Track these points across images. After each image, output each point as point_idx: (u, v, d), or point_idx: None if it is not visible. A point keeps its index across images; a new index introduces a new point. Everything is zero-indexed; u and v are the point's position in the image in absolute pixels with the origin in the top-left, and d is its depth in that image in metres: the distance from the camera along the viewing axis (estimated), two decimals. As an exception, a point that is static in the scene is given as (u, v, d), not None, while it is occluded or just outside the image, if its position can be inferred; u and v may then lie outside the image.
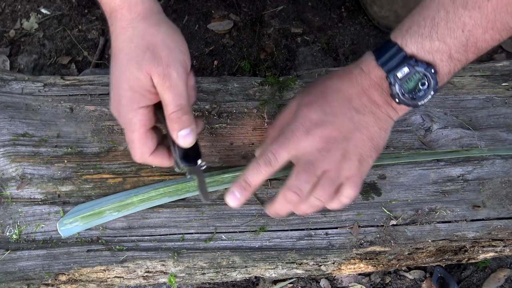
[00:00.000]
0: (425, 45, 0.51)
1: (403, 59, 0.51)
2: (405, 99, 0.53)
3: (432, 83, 0.52)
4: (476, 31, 0.49)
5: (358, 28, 1.22)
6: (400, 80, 0.52)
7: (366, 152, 0.54)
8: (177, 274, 0.61)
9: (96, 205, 0.61)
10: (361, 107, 0.54)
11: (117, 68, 0.52)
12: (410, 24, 0.52)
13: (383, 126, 0.55)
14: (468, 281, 0.97)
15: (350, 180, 0.54)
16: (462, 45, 0.50)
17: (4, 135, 0.64)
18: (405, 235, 0.64)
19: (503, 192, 0.68)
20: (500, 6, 0.47)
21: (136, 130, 0.53)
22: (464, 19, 0.48)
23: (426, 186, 0.67)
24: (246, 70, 1.14)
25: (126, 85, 0.51)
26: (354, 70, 0.56)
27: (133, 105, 0.52)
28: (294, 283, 0.93)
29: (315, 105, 0.55)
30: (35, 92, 0.68)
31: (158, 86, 0.51)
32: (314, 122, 0.53)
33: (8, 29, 1.16)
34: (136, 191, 0.62)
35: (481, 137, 0.70)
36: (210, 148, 0.66)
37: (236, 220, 0.63)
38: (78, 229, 0.60)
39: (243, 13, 1.20)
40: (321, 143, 0.52)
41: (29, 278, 0.58)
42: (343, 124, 0.53)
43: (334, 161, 0.52)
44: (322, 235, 0.64)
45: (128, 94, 0.51)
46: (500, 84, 0.76)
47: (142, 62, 0.50)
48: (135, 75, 0.50)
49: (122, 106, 0.52)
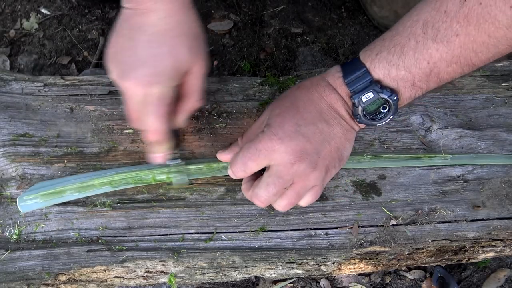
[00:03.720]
0: (391, 73, 0.53)
1: (369, 84, 0.54)
2: (366, 120, 0.56)
3: (392, 108, 0.55)
4: (440, 64, 0.51)
5: (358, 28, 1.22)
6: (364, 103, 0.55)
7: (332, 163, 0.57)
8: (177, 274, 0.61)
9: (57, 184, 0.60)
10: (331, 119, 0.56)
11: (153, 41, 0.51)
12: (381, 48, 0.54)
13: (349, 137, 0.58)
14: (468, 281, 0.97)
15: (313, 189, 0.56)
16: (426, 75, 0.53)
17: (4, 135, 0.64)
18: (405, 235, 0.64)
19: (503, 192, 0.68)
20: (466, 42, 0.49)
21: (163, 105, 0.53)
22: (431, 51, 0.51)
23: (426, 186, 0.67)
24: (246, 70, 1.14)
25: (169, 60, 0.51)
26: (321, 83, 0.58)
27: (170, 81, 0.52)
28: (294, 283, 0.93)
29: (287, 115, 0.56)
30: (35, 92, 0.68)
31: (195, 75, 0.53)
32: (288, 133, 0.54)
33: (8, 29, 1.16)
34: (99, 173, 0.62)
35: (481, 137, 0.70)
36: (210, 148, 0.66)
37: (236, 220, 0.63)
38: (37, 206, 0.60)
39: (243, 13, 1.20)
40: (294, 156, 0.53)
41: (29, 278, 0.58)
42: (314, 136, 0.55)
43: (304, 174, 0.54)
44: (322, 235, 0.64)
45: (168, 70, 0.51)
46: (500, 84, 0.76)
47: (192, 47, 0.52)
48: (182, 57, 0.51)
49: (153, 76, 0.51)
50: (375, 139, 0.69)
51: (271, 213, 0.64)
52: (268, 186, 0.54)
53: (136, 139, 0.66)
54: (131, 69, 0.51)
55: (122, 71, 0.51)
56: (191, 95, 0.56)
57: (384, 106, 0.55)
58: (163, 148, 0.57)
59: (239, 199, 0.64)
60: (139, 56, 0.51)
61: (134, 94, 0.52)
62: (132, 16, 0.51)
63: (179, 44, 0.51)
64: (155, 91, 0.51)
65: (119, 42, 0.52)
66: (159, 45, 0.51)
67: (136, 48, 0.51)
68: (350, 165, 0.67)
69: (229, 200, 0.64)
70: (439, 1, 0.50)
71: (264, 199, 0.55)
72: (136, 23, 0.51)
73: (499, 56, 0.51)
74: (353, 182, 0.67)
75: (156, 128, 0.54)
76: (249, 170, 0.56)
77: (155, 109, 0.52)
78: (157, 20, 0.50)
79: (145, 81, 0.51)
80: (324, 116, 0.56)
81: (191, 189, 0.64)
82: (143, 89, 0.51)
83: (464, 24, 0.48)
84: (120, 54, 0.52)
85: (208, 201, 0.64)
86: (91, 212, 0.62)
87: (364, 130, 0.69)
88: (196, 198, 0.64)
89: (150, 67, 0.51)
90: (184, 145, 0.66)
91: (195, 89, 0.55)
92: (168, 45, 0.51)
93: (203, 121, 0.67)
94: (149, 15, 0.50)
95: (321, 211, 0.65)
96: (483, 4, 0.46)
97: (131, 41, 0.51)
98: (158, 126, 0.54)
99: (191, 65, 0.53)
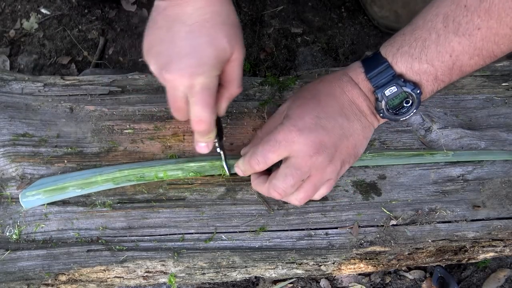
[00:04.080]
0: (414, 66, 0.53)
1: (392, 78, 0.54)
2: (389, 114, 0.56)
3: (416, 102, 0.55)
4: (463, 57, 0.51)
5: (358, 28, 1.22)
6: (387, 98, 0.55)
7: (347, 159, 0.57)
8: (177, 274, 0.61)
9: (59, 180, 0.61)
10: (351, 115, 0.56)
11: (193, 31, 0.50)
12: (402, 43, 0.54)
13: (367, 134, 0.58)
14: (468, 281, 0.97)
15: (328, 182, 0.57)
16: (448, 68, 0.53)
17: (4, 135, 0.64)
18: (405, 235, 0.64)
19: (503, 192, 0.68)
20: (488, 35, 0.49)
21: (208, 95, 0.52)
22: (454, 44, 0.51)
23: (426, 186, 0.67)
24: (246, 70, 1.14)
25: (210, 50, 0.50)
26: (343, 78, 0.58)
27: (213, 71, 0.51)
28: (294, 283, 0.93)
29: (308, 107, 0.56)
30: (35, 92, 0.68)
31: (235, 62, 0.53)
32: (308, 125, 0.54)
33: (8, 29, 1.16)
34: (101, 170, 0.62)
35: (481, 137, 0.70)
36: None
37: (236, 220, 0.63)
38: (40, 202, 0.60)
39: (243, 13, 1.20)
40: (312, 149, 0.53)
41: (29, 278, 0.58)
42: (334, 130, 0.55)
43: (321, 167, 0.55)
44: (322, 235, 0.64)
45: (211, 60, 0.50)
46: (500, 84, 0.76)
47: (230, 36, 0.51)
48: (222, 46, 0.50)
49: (197, 67, 0.50)
50: (375, 139, 0.69)
51: (271, 213, 0.64)
52: (286, 177, 0.54)
53: (136, 139, 0.66)
54: (173, 61, 0.50)
55: (164, 64, 0.51)
56: (232, 83, 0.55)
57: (407, 100, 0.55)
58: (208, 137, 0.56)
59: (239, 199, 0.64)
60: (179, 48, 0.50)
61: (178, 86, 0.51)
62: (168, 8, 0.50)
63: (219, 33, 0.50)
64: (200, 81, 0.50)
65: (156, 34, 0.51)
66: (199, 35, 0.50)
67: (176, 39, 0.50)
68: None
69: (229, 200, 0.64)
70: None
71: (282, 190, 0.55)
72: (173, 14, 0.50)
73: None
74: (353, 182, 0.67)
75: (203, 118, 0.53)
76: (270, 161, 0.55)
77: (201, 99, 0.51)
78: (194, 10, 0.50)
79: (189, 72, 0.50)
80: (345, 111, 0.56)
81: (191, 189, 0.64)
82: (187, 80, 0.50)
83: (486, 18, 0.48)
84: (159, 46, 0.51)
85: (208, 201, 0.64)
86: (91, 212, 0.62)
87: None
88: (196, 198, 0.64)
89: (193, 58, 0.50)
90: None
91: (235, 77, 0.54)
92: (208, 35, 0.50)
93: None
94: (185, 6, 0.50)
95: (321, 211, 0.65)
96: None
97: (169, 32, 0.50)
98: (205, 116, 0.52)
99: (231, 53, 0.52)
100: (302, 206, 0.64)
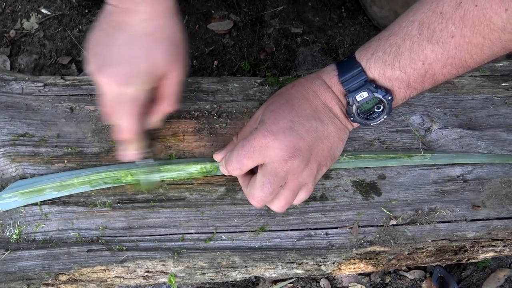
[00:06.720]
0: (386, 72, 0.53)
1: (364, 83, 0.54)
2: (359, 119, 0.57)
3: (386, 108, 0.56)
4: (435, 65, 0.51)
5: (358, 28, 1.22)
6: (358, 102, 0.55)
7: (323, 162, 0.57)
8: (177, 274, 0.61)
9: (36, 183, 0.60)
10: (325, 117, 0.56)
11: (131, 42, 0.51)
12: (377, 48, 0.54)
13: (342, 136, 0.58)
14: (468, 281, 0.97)
15: (305, 187, 0.56)
16: (420, 76, 0.53)
17: (4, 135, 0.64)
18: (405, 235, 0.64)
19: (503, 192, 0.68)
20: (461, 43, 0.49)
21: (135, 106, 0.53)
22: (427, 52, 0.51)
23: (426, 186, 0.67)
24: (246, 70, 1.14)
25: (144, 64, 0.51)
26: (316, 81, 0.58)
27: (144, 84, 0.52)
28: (294, 283, 0.93)
29: (282, 112, 0.56)
30: (35, 92, 0.68)
31: (171, 80, 0.53)
32: (282, 129, 0.54)
33: (8, 29, 1.16)
34: (78, 172, 0.62)
35: (481, 137, 0.70)
36: (210, 148, 0.66)
37: (236, 220, 0.63)
38: (16, 204, 0.60)
39: (243, 13, 1.20)
40: (287, 153, 0.53)
41: (29, 278, 0.58)
42: (308, 134, 0.55)
43: (297, 171, 0.54)
44: (322, 235, 0.64)
45: (142, 73, 0.51)
46: (500, 84, 0.76)
47: (169, 54, 0.52)
48: (157, 62, 0.51)
49: (128, 77, 0.51)
50: (375, 139, 0.69)
51: (271, 213, 0.64)
52: (264, 186, 0.54)
53: (136, 139, 0.66)
54: (107, 65, 0.51)
55: (99, 65, 0.52)
56: (166, 99, 0.56)
57: (378, 105, 0.56)
58: (133, 146, 0.57)
59: (239, 199, 0.64)
60: (115, 54, 0.51)
61: (108, 91, 0.52)
62: (113, 13, 0.51)
63: (156, 49, 0.51)
64: (129, 92, 0.51)
65: (97, 36, 0.52)
66: (136, 47, 0.51)
67: (113, 45, 0.51)
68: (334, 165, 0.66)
69: (229, 200, 0.64)
70: (435, 2, 0.50)
71: (260, 199, 0.55)
72: (116, 20, 0.51)
73: (494, 58, 0.51)
74: (353, 182, 0.67)
75: (127, 127, 0.54)
76: (245, 168, 0.56)
77: (127, 108, 0.53)
78: (138, 21, 0.50)
79: (120, 80, 0.51)
80: (319, 114, 0.56)
81: (191, 189, 0.64)
82: (117, 87, 0.51)
83: (460, 26, 0.48)
84: (98, 47, 0.52)
85: (208, 201, 0.64)
86: (91, 212, 0.62)
87: (364, 130, 0.69)
88: (196, 198, 0.64)
89: (125, 67, 0.51)
90: (184, 145, 0.66)
91: (170, 94, 0.56)
92: (145, 48, 0.51)
93: (203, 121, 0.67)
94: (130, 15, 0.50)
95: (321, 211, 0.65)
96: (479, 6, 0.46)
97: (109, 37, 0.51)
98: (128, 125, 0.54)
99: (166, 71, 0.53)
100: (302, 206, 0.64)
